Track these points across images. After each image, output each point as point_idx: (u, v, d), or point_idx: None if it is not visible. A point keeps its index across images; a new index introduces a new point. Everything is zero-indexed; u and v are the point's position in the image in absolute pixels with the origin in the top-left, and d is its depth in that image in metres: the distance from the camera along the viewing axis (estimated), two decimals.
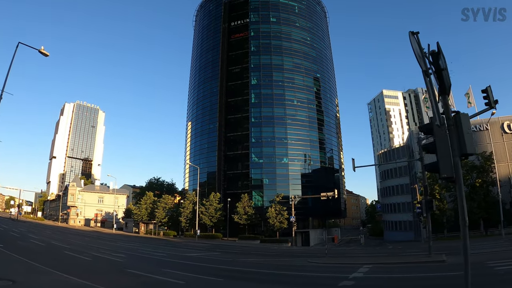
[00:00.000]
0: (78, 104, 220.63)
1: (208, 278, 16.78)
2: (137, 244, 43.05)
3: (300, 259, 30.22)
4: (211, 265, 23.23)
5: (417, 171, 66.79)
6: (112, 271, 18.03)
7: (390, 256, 31.21)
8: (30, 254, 21.96)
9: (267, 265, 24.34)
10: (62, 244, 34.34)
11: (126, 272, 17.41)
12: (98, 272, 17.63)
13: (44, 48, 22.32)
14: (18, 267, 16.89)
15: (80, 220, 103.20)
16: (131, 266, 19.74)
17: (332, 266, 23.51)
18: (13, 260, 19.05)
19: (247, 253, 37.00)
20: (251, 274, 19.70)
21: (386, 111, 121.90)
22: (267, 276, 19.10)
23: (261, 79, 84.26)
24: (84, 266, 19.31)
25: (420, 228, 66.35)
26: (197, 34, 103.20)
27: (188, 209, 72.13)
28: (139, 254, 29.81)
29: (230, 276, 17.89)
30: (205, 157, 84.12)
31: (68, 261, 21.47)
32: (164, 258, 26.60)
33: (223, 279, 16.64)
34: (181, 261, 25.49)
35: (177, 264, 23.22)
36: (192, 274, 17.62)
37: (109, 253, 27.94)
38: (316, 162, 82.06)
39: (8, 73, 21.46)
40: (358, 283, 14.94)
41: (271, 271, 20.90)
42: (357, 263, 23.98)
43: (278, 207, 65.03)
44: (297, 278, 18.17)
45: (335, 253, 38.38)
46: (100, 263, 21.70)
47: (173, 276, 16.40)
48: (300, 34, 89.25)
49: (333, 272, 19.76)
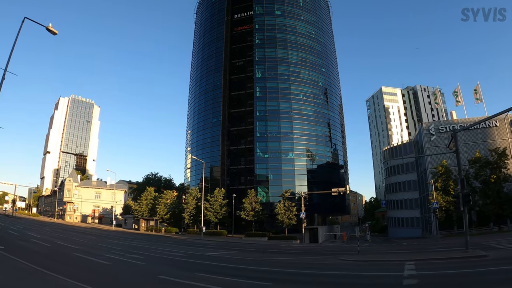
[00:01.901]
0: (73, 99, 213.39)
1: (256, 283, 14.35)
2: (145, 243, 39.66)
3: (327, 257, 28.21)
4: (243, 266, 20.74)
5: (428, 167, 64.51)
6: (144, 279, 14.89)
7: (422, 252, 28.69)
8: (38, 258, 18.67)
9: (302, 265, 22.22)
10: (68, 243, 30.41)
11: (161, 280, 14.34)
12: (130, 282, 14.45)
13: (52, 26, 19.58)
14: (30, 279, 13.10)
15: (77, 217, 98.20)
16: (158, 271, 16.84)
17: (372, 264, 21.68)
18: (21, 269, 15.07)
19: (265, 251, 34.16)
20: (294, 275, 17.53)
21: (385, 108, 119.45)
22: (314, 277, 16.79)
23: (266, 72, 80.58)
24: (109, 274, 15.99)
25: (430, 225, 64.21)
26: (198, 27, 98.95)
27: (192, 205, 68.34)
28: (155, 254, 26.40)
29: (275, 279, 15.66)
30: (208, 152, 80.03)
31: (86, 266, 17.95)
32: (185, 259, 23.81)
33: (271, 283, 14.32)
34: (206, 262, 22.68)
35: (205, 266, 20.48)
36: (235, 279, 15.30)
37: (123, 253, 24.70)
38: (322, 157, 78.96)
39: (13, 49, 19.04)
40: (422, 281, 13.37)
41: (314, 271, 18.70)
42: (395, 260, 22.74)
43: (287, 203, 61.83)
44: (348, 278, 16.29)
45: (355, 250, 35.69)
46: (122, 267, 18.34)
47: (216, 283, 14.00)
48: (305, 27, 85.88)
49: (380, 271, 18.07)
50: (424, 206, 68.20)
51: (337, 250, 37.96)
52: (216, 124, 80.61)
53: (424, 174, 67.66)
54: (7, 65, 18.25)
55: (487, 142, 63.01)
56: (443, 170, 56.77)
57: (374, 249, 39.07)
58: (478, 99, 67.04)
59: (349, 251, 34.64)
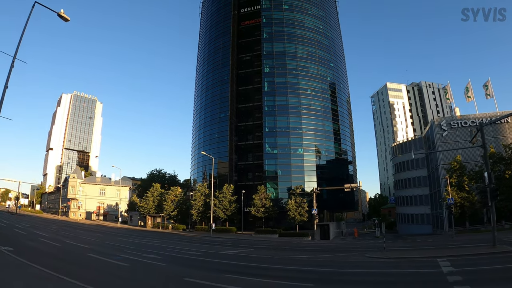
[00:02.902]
0: (75, 95, 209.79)
1: (296, 284, 13.13)
2: (156, 240, 37.62)
3: (349, 254, 27.06)
4: (269, 265, 19.59)
5: (440, 163, 62.57)
6: (170, 282, 13.62)
7: (446, 248, 27.36)
8: (50, 261, 16.87)
9: (329, 263, 21.17)
10: (78, 243, 28.12)
11: (189, 283, 12.97)
12: (157, 287, 12.65)
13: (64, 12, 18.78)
14: None
15: (81, 213, 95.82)
16: (182, 273, 15.52)
17: (404, 261, 20.74)
18: (34, 274, 12.77)
19: (282, 249, 32.60)
20: (328, 274, 16.42)
21: (390, 104, 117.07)
22: (352, 276, 15.93)
23: (275, 67, 78.00)
24: (132, 278, 14.20)
25: (441, 221, 62.31)
26: (204, 22, 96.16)
27: (200, 201, 65.95)
28: (172, 253, 24.54)
29: (314, 280, 14.34)
30: (216, 147, 77.22)
31: (104, 269, 15.98)
32: (204, 258, 22.41)
33: (313, 284, 13.16)
34: (227, 261, 21.50)
35: (229, 266, 19.21)
36: (268, 280, 14.12)
37: (138, 253, 22.76)
38: (331, 153, 76.68)
39: (22, 35, 17.93)
40: (465, 278, 12.77)
41: (347, 270, 17.84)
42: (425, 256, 21.99)
43: (298, 199, 59.54)
44: (389, 276, 15.58)
45: (373, 247, 35.23)
46: (142, 269, 16.28)
47: (251, 285, 13.22)
48: (313, 22, 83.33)
49: (417, 268, 17.22)
50: (435, 202, 66.32)
51: (355, 247, 36.50)
52: (224, 119, 78.03)
53: (436, 170, 65.63)
54: (16, 52, 17.06)
55: (499, 137, 61.36)
56: (457, 165, 54.91)
57: (391, 246, 37.32)
58: (488, 95, 65.43)
59: (367, 248, 33.72)
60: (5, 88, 17.17)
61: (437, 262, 17.29)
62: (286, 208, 60.42)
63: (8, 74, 17.32)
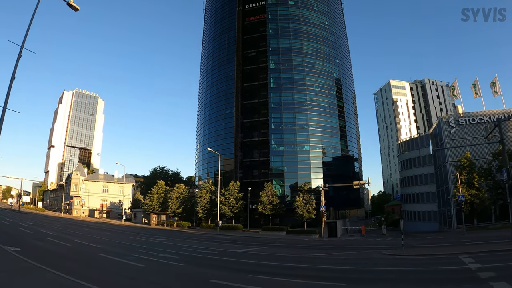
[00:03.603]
0: (77, 92, 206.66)
1: (329, 283, 12.62)
2: (165, 238, 36.17)
3: (366, 251, 26.42)
4: (291, 264, 18.86)
5: (448, 160, 61.42)
6: (196, 285, 12.56)
7: (462, 245, 26.47)
8: (63, 263, 15.33)
9: (352, 261, 20.63)
10: (87, 242, 26.51)
11: (217, 286, 11.84)
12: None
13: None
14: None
15: (84, 211, 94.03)
16: (205, 274, 14.51)
17: (426, 258, 20.08)
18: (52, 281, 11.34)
19: (295, 247, 31.65)
20: (356, 273, 15.65)
21: (393, 102, 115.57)
22: (381, 274, 15.25)
23: (280, 63, 76.41)
24: (155, 281, 12.70)
25: (449, 219, 61.21)
26: (208, 18, 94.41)
27: (206, 198, 64.50)
28: (187, 252, 23.26)
29: (345, 279, 13.73)
30: (221, 144, 75.50)
31: (122, 271, 14.51)
32: (221, 257, 21.31)
33: (345, 283, 12.55)
34: (246, 260, 20.38)
35: (251, 265, 18.02)
36: (299, 280, 13.26)
37: (151, 252, 21.44)
38: (337, 150, 75.30)
39: (30, 23, 16.99)
40: (498, 274, 12.40)
41: (374, 268, 17.15)
42: (446, 253, 21.60)
43: (306, 196, 58.19)
44: (419, 274, 14.85)
45: (385, 244, 34.12)
46: (162, 270, 14.96)
47: (284, 286, 12.50)
48: (319, 18, 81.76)
49: (442, 265, 16.49)
50: (442, 199, 65.17)
51: (367, 245, 35.19)
52: (229, 116, 76.39)
53: (444, 167, 64.43)
54: (24, 41, 16.15)
55: (508, 134, 60.14)
56: (467, 162, 53.84)
57: (406, 244, 36.21)
58: (496, 92, 64.51)
59: (379, 245, 32.82)
60: (12, 79, 16.22)
61: (460, 259, 17.09)
62: (294, 205, 58.94)
63: (16, 64, 16.31)
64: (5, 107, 16.14)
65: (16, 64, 16.51)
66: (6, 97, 16.05)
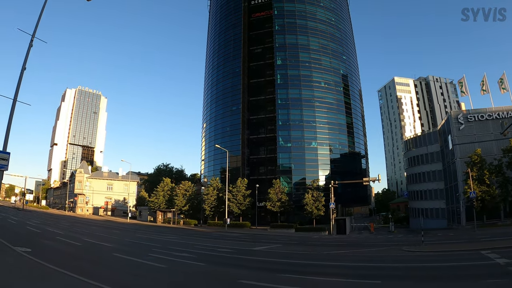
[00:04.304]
0: (80, 90, 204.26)
1: (364, 281, 12.09)
2: (175, 237, 35.00)
3: (386, 248, 25.71)
4: (317, 262, 18.16)
5: (457, 157, 60.24)
6: (224, 286, 11.79)
7: (480, 242, 26.00)
8: (80, 264, 14.21)
9: (376, 258, 19.99)
10: (97, 241, 25.22)
11: (248, 286, 11.05)
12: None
13: None
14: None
15: (88, 209, 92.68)
16: (231, 274, 13.78)
17: (448, 254, 19.87)
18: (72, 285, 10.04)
19: (310, 244, 30.97)
20: (385, 270, 15.22)
21: (397, 99, 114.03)
22: (410, 271, 14.71)
23: (287, 59, 74.83)
24: (181, 283, 12.00)
25: (458, 215, 60.13)
26: (213, 14, 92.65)
27: (213, 196, 63.13)
28: (204, 251, 22.24)
29: (377, 276, 13.18)
30: (228, 141, 73.77)
31: (144, 273, 13.12)
32: (240, 256, 20.61)
33: (380, 280, 12.05)
34: (267, 258, 19.51)
35: (274, 264, 17.17)
36: (332, 278, 12.95)
37: (167, 252, 20.23)
38: (344, 146, 73.86)
39: (42, 11, 16.48)
40: None
41: (401, 264, 16.60)
42: (467, 249, 21.25)
43: (315, 193, 56.87)
44: (449, 270, 14.39)
45: (398, 241, 34.23)
46: (184, 271, 14.12)
47: (317, 285, 11.98)
48: (325, 14, 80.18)
49: (468, 260, 16.23)
50: (451, 196, 64.02)
51: (381, 241, 34.27)
52: (236, 112, 74.82)
53: (452, 163, 63.21)
54: (35, 31, 15.60)
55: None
56: (478, 159, 52.87)
57: (419, 241, 35.20)
58: (504, 89, 63.61)
59: (393, 242, 32.65)
60: (22, 70, 15.39)
61: (484, 255, 16.94)
62: (303, 202, 57.54)
63: (27, 54, 15.54)
64: (15, 99, 15.31)
65: (27, 54, 15.64)
66: (16, 88, 15.28)
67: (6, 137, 16.30)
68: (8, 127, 15.30)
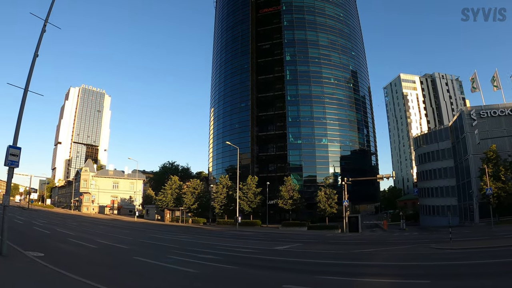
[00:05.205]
0: (83, 88, 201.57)
1: (413, 281, 11.28)
2: (190, 236, 33.31)
3: (412, 246, 24.62)
4: (353, 262, 16.98)
5: (470, 153, 58.49)
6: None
7: (503, 238, 25.11)
8: (102, 271, 12.65)
9: (409, 256, 18.91)
10: (112, 242, 23.22)
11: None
12: None
13: None
14: None
15: (94, 208, 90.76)
16: (270, 277, 12.51)
17: (483, 251, 18.66)
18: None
19: (331, 243, 29.86)
20: (429, 269, 14.26)
21: (403, 96, 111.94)
22: (458, 268, 14.04)
23: (296, 55, 72.69)
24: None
25: (471, 213, 58.44)
26: (220, 10, 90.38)
27: (223, 194, 61.23)
28: (224, 251, 20.73)
29: (424, 275, 12.40)
30: (237, 138, 71.40)
31: (180, 280, 11.65)
32: (265, 256, 19.13)
33: (429, 280, 11.15)
34: (294, 258, 18.36)
35: (306, 265, 16.01)
36: (379, 280, 12.12)
37: (188, 253, 18.58)
38: (355, 143, 71.87)
39: None
40: None
41: (443, 263, 15.46)
42: (499, 245, 20.20)
43: (328, 191, 54.96)
44: (499, 266, 13.52)
45: (416, 238, 32.46)
46: (219, 276, 12.66)
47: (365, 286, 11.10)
48: (334, 9, 78.06)
49: (506, 257, 15.30)
50: (463, 193, 62.22)
51: (400, 239, 32.85)
52: (245, 109, 72.68)
53: (465, 160, 61.43)
54: (48, 16, 14.52)
55: None
56: (494, 155, 51.48)
57: (439, 238, 33.01)
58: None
59: (412, 239, 31.17)
60: (35, 57, 14.32)
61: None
62: (315, 200, 55.59)
63: (39, 40, 14.48)
64: (27, 88, 14.07)
65: (39, 40, 14.52)
66: (28, 76, 14.03)
67: (17, 130, 14.49)
68: (19, 118, 13.94)
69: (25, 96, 14.36)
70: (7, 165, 13.69)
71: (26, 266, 12.11)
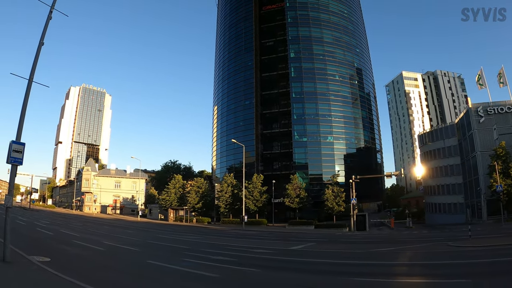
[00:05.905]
0: (84, 88, 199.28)
1: (455, 281, 10.48)
2: (198, 236, 31.99)
3: (428, 244, 24.26)
4: (378, 262, 16.30)
5: (477, 150, 57.44)
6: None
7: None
8: (120, 280, 11.27)
9: (433, 255, 17.97)
10: (120, 244, 21.86)
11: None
12: None
13: None
14: None
15: (96, 207, 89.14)
16: (305, 281, 11.44)
17: (506, 248, 18.00)
18: None
19: (344, 242, 29.19)
20: (467, 267, 13.61)
21: (405, 93, 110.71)
22: (490, 266, 13.40)
23: (301, 52, 71.21)
24: None
25: (479, 210, 57.46)
26: (222, 7, 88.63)
27: (228, 193, 59.82)
28: (238, 253, 19.73)
29: (461, 274, 11.62)
30: (241, 136, 69.55)
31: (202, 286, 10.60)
32: (283, 257, 18.39)
33: (470, 279, 10.55)
34: (314, 259, 17.36)
35: (329, 265, 15.28)
36: (417, 280, 11.42)
37: (200, 255, 17.47)
38: (360, 141, 70.57)
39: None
40: None
41: (470, 261, 14.94)
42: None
43: (335, 189, 53.68)
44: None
45: (425, 236, 32.52)
46: (244, 283, 11.40)
47: None
48: (338, 6, 76.60)
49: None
50: (470, 191, 61.20)
51: (412, 237, 32.20)
52: (249, 107, 71.12)
53: (472, 157, 60.30)
54: (54, 3, 13.77)
55: None
56: (503, 152, 50.49)
57: (452, 236, 32.31)
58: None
59: (424, 238, 30.72)
60: (40, 45, 13.54)
61: None
62: (323, 198, 54.30)
63: (45, 27, 13.72)
64: (32, 78, 13.17)
65: (45, 28, 13.72)
66: (32, 66, 13.25)
67: (20, 124, 13.17)
68: (23, 110, 12.79)
69: (29, 87, 13.15)
70: (9, 162, 12.13)
71: (32, 274, 10.72)
